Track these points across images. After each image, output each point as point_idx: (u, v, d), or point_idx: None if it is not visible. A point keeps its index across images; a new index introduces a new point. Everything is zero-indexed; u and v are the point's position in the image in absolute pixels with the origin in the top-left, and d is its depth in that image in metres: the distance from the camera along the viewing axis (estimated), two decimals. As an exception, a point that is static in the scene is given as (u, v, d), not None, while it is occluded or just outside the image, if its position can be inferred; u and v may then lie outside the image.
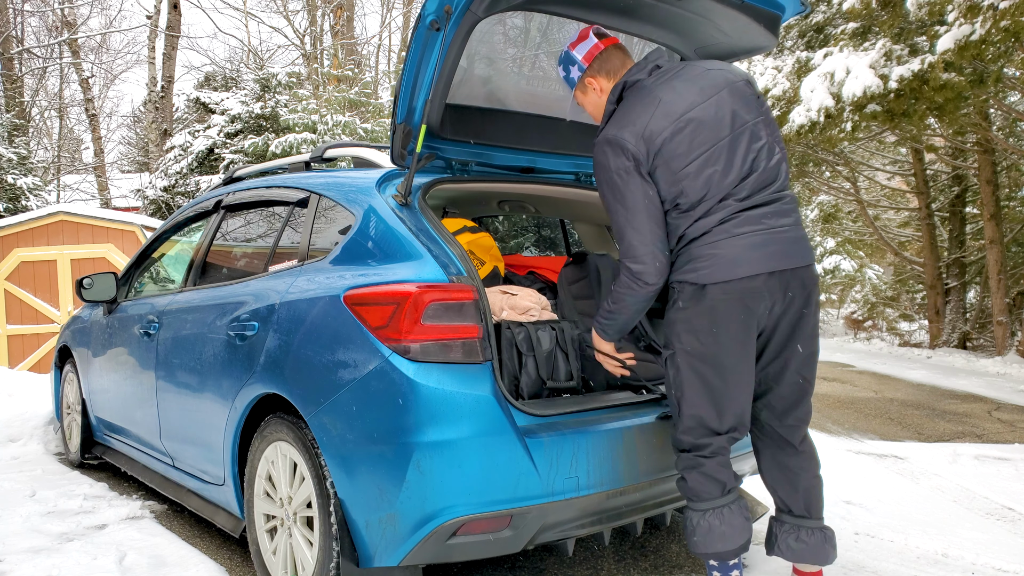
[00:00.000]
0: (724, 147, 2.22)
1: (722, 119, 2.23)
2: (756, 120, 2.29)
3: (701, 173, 2.20)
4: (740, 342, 2.24)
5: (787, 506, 2.45)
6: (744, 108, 2.27)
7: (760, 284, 2.20)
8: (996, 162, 10.38)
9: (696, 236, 2.23)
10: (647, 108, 2.24)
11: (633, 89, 2.33)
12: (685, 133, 2.20)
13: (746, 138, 2.25)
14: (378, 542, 2.18)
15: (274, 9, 32.87)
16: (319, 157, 3.19)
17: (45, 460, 4.83)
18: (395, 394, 2.11)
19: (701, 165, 2.20)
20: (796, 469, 2.43)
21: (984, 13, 6.49)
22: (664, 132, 2.20)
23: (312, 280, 2.52)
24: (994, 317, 10.32)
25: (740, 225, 2.20)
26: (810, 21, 10.09)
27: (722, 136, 2.22)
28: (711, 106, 2.24)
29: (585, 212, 3.56)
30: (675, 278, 2.29)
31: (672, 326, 2.31)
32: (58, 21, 20.84)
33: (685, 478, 2.33)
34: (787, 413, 2.41)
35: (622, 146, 2.22)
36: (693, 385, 2.27)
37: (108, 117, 30.08)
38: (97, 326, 4.30)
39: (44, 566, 2.92)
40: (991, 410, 6.65)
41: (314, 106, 13.39)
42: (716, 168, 2.21)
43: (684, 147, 2.20)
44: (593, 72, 2.40)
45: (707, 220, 2.22)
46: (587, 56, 2.40)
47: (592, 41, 2.40)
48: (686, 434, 2.31)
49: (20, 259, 9.14)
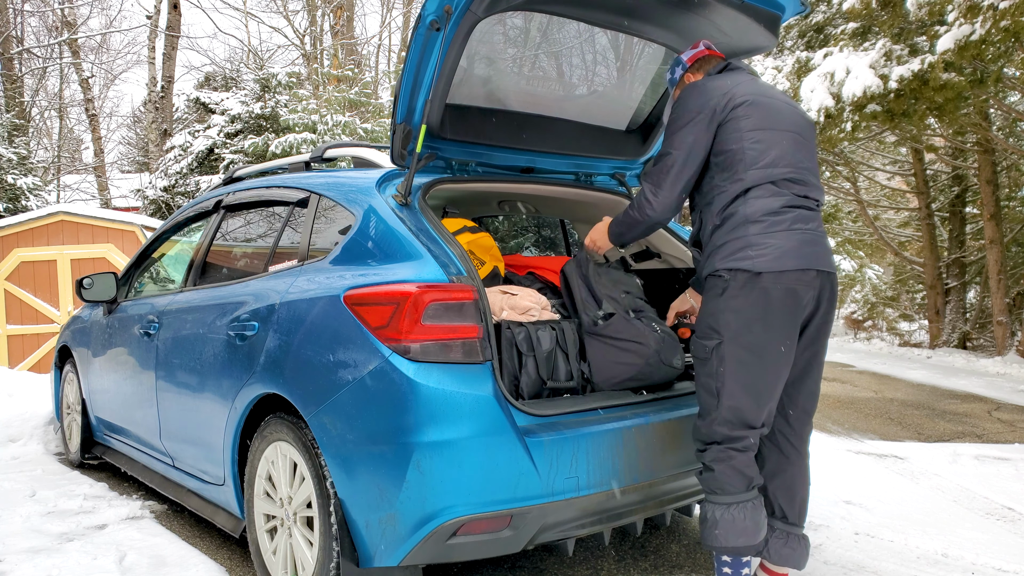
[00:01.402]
0: (789, 136, 2.36)
1: (793, 119, 2.41)
2: (812, 140, 2.48)
3: (765, 143, 2.32)
4: (787, 334, 2.27)
5: (783, 513, 2.48)
6: (807, 127, 2.46)
7: (810, 278, 2.25)
8: (996, 162, 10.38)
9: (755, 219, 2.26)
10: (739, 79, 2.43)
11: (732, 69, 2.52)
12: (762, 106, 2.36)
13: (806, 147, 2.41)
14: (378, 542, 2.18)
15: (274, 9, 32.90)
16: (319, 157, 3.19)
17: (45, 460, 4.83)
18: (395, 394, 2.11)
19: (768, 137, 2.33)
20: (797, 479, 2.48)
21: (984, 13, 6.49)
22: (748, 96, 2.36)
23: (312, 280, 2.52)
24: (994, 317, 10.31)
25: (796, 221, 2.27)
26: (810, 21, 10.10)
27: (789, 129, 2.38)
28: (786, 105, 2.45)
29: (585, 212, 3.56)
30: (725, 265, 2.27)
31: (721, 315, 2.28)
32: (58, 21, 20.85)
33: (714, 469, 2.30)
34: (798, 419, 2.45)
35: (704, 90, 2.38)
36: (737, 376, 2.26)
37: (108, 117, 30.11)
38: (97, 326, 4.30)
39: (44, 566, 2.92)
40: (991, 410, 6.65)
41: (314, 106, 13.39)
42: (780, 148, 2.33)
43: (760, 114, 2.35)
44: (693, 71, 2.60)
45: (767, 202, 2.27)
46: (692, 58, 2.62)
47: (700, 48, 2.62)
48: (722, 425, 2.29)
49: (20, 259, 9.14)
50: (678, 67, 2.64)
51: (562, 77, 3.09)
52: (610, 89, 3.14)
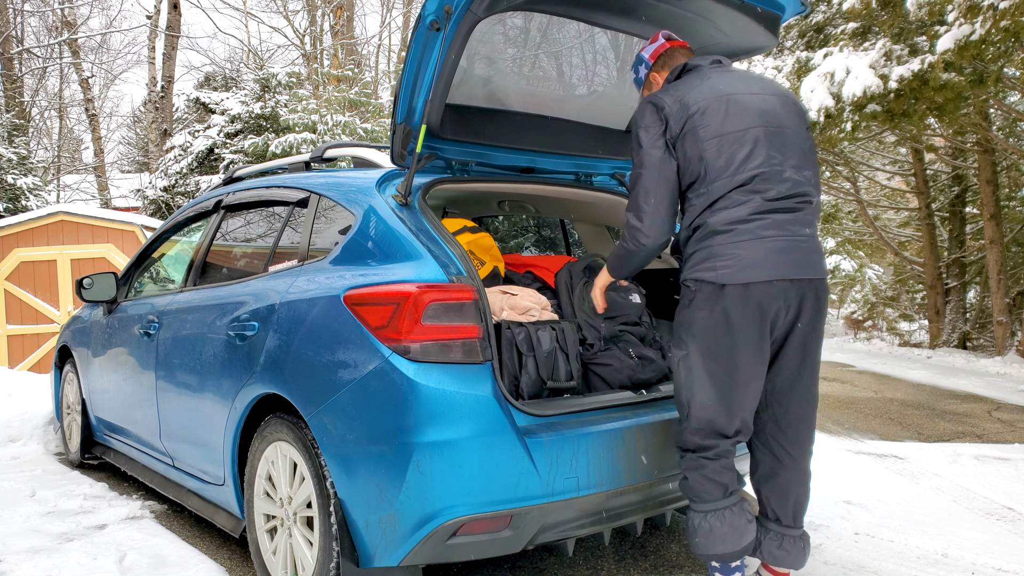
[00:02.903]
0: (758, 135, 2.24)
1: (764, 111, 2.28)
2: (797, 128, 2.33)
3: (727, 149, 2.22)
4: (755, 345, 2.23)
5: (776, 516, 2.46)
6: (787, 115, 2.33)
7: (778, 290, 2.20)
8: (996, 162, 10.38)
9: (720, 230, 2.21)
10: (694, 83, 2.32)
11: (690, 71, 2.40)
12: (721, 108, 2.25)
13: (782, 139, 2.28)
14: (378, 542, 2.18)
15: (274, 9, 32.87)
16: (319, 157, 3.19)
17: (45, 460, 4.83)
18: (395, 394, 2.11)
19: (729, 142, 2.22)
20: (792, 483, 2.44)
21: (984, 13, 6.49)
22: (701, 103, 2.25)
23: (312, 280, 2.52)
24: (994, 317, 10.31)
25: (767, 228, 2.20)
26: (810, 21, 10.09)
27: (757, 124, 2.25)
28: (756, 97, 2.30)
29: (585, 212, 3.56)
30: (691, 275, 2.27)
31: (688, 326, 2.28)
32: (58, 21, 20.84)
33: (687, 478, 2.33)
34: (791, 425, 2.41)
35: (658, 105, 2.30)
36: (705, 387, 2.26)
37: (108, 117, 30.10)
38: (97, 326, 4.30)
39: (44, 566, 2.92)
40: (991, 410, 6.65)
41: (314, 106, 13.38)
42: (744, 150, 2.22)
43: (716, 120, 2.24)
44: (657, 68, 2.51)
45: (733, 212, 2.20)
46: (653, 54, 2.51)
47: (659, 42, 2.51)
48: (693, 435, 2.30)
49: (20, 259, 9.13)
50: (641, 66, 2.55)
51: (562, 77, 3.09)
52: (610, 89, 3.14)
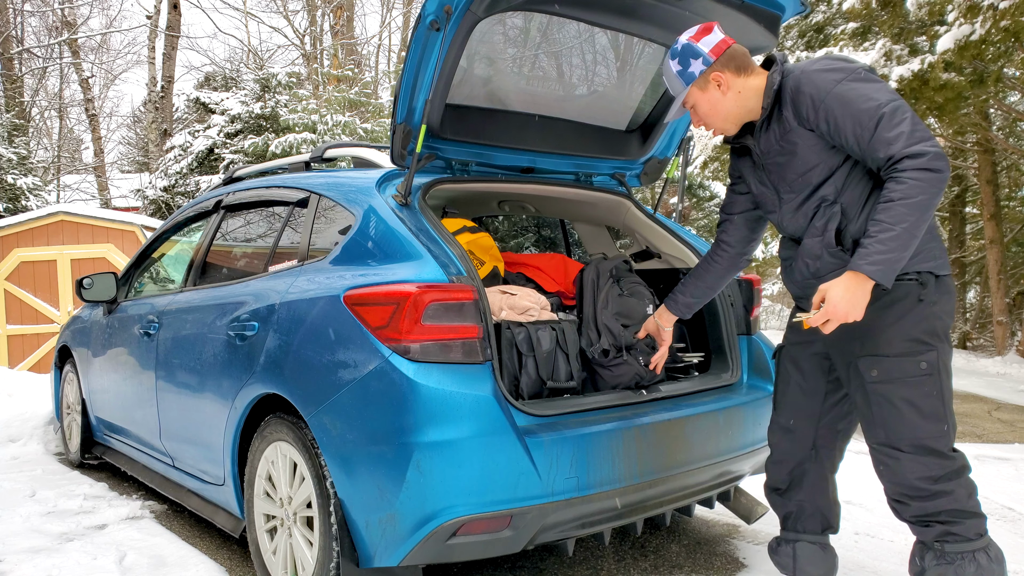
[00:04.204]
0: None
1: None
2: None
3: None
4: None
5: (831, 525, 2.47)
6: None
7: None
8: (996, 162, 10.39)
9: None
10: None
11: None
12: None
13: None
14: (378, 542, 2.18)
15: (274, 9, 32.89)
16: (319, 157, 3.19)
17: (45, 460, 4.83)
18: (395, 394, 2.11)
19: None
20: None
21: (984, 13, 6.49)
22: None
23: (312, 280, 2.52)
24: (994, 317, 10.31)
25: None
26: (810, 21, 10.09)
27: None
28: None
29: (585, 212, 3.56)
30: (914, 266, 2.03)
31: (926, 322, 2.04)
32: (58, 21, 20.84)
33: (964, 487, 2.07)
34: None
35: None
36: (950, 387, 2.08)
37: (108, 117, 30.10)
38: (97, 326, 4.30)
39: (44, 566, 2.92)
40: (991, 410, 6.65)
41: (314, 106, 13.39)
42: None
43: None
44: (720, 66, 2.17)
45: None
46: (715, 49, 2.17)
47: (720, 35, 2.19)
48: (951, 437, 2.08)
49: (20, 259, 9.14)
50: (696, 59, 2.18)
51: (562, 77, 3.09)
52: (610, 89, 3.14)
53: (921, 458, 2.03)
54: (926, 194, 1.88)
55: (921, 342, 2.03)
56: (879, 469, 2.14)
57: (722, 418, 2.65)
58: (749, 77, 2.19)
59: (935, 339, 2.04)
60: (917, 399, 2.03)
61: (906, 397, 2.03)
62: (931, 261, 2.05)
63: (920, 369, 2.03)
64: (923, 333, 2.03)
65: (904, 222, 1.88)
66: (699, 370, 3.02)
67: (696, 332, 3.11)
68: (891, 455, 2.07)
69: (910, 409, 2.03)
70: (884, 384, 2.06)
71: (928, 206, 1.89)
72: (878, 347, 2.06)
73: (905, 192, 1.88)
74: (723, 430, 2.63)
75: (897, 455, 2.06)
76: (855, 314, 1.96)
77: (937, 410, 2.03)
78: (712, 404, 2.68)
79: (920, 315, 2.03)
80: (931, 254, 2.06)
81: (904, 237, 1.89)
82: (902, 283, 2.04)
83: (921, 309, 2.03)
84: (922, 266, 2.04)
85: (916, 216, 1.88)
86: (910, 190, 1.88)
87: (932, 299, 2.04)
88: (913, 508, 2.08)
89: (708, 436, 2.61)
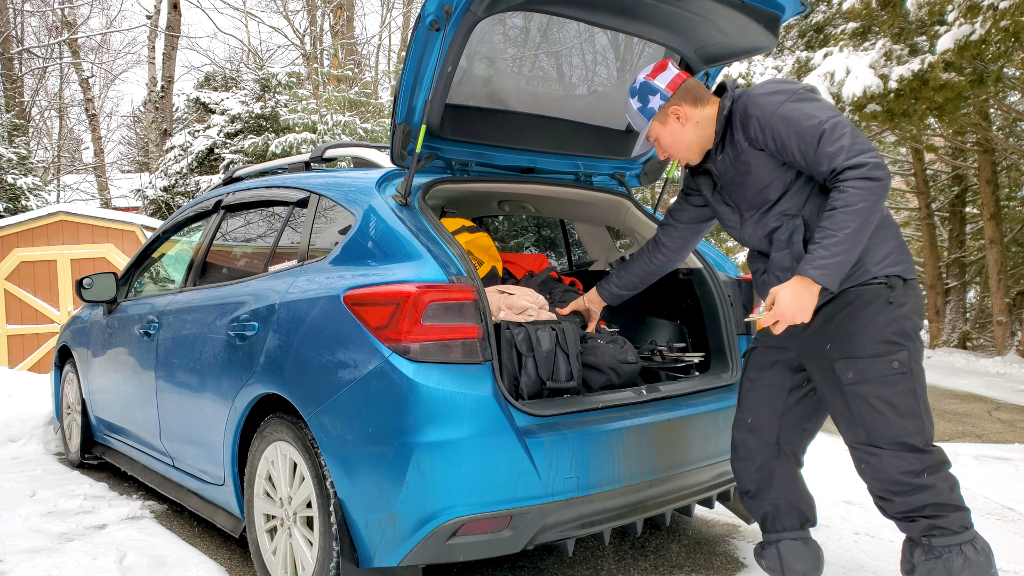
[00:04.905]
0: None
1: None
2: None
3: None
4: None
5: (808, 518, 2.51)
6: None
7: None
8: (996, 162, 10.39)
9: (892, 220, 2.20)
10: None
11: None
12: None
13: None
14: (378, 542, 2.18)
15: (274, 9, 32.89)
16: (319, 157, 3.19)
17: (45, 460, 4.83)
18: (395, 394, 2.11)
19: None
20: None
21: (984, 13, 6.49)
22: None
23: (312, 280, 2.52)
24: (994, 317, 10.32)
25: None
26: (810, 21, 10.10)
27: None
28: None
29: (585, 212, 3.56)
30: (882, 271, 2.12)
31: (897, 323, 2.11)
32: (58, 21, 20.85)
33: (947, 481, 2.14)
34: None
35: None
36: (923, 385, 2.15)
37: (108, 117, 30.11)
38: (97, 326, 4.30)
39: (44, 566, 2.92)
40: (991, 410, 6.65)
41: (314, 106, 13.39)
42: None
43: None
44: (678, 100, 2.29)
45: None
46: (671, 84, 2.30)
47: (674, 71, 2.32)
48: (928, 433, 2.14)
49: (20, 259, 9.14)
50: (654, 95, 2.30)
51: (562, 77, 3.09)
52: (610, 89, 3.14)
53: (901, 454, 2.11)
54: (867, 201, 1.98)
55: (892, 343, 2.11)
56: (860, 468, 2.21)
57: (722, 418, 2.66)
58: (705, 107, 2.30)
59: (906, 339, 2.12)
60: (892, 397, 2.10)
61: (882, 396, 2.11)
62: (898, 265, 2.15)
63: (893, 368, 2.10)
64: (894, 334, 2.11)
65: (846, 228, 1.98)
66: (699, 370, 3.02)
67: (696, 332, 3.11)
68: (872, 452, 2.15)
69: (887, 408, 2.10)
70: (860, 385, 2.13)
71: (870, 212, 1.99)
72: (853, 349, 2.13)
73: (847, 200, 1.99)
74: (723, 430, 2.63)
75: (877, 452, 2.13)
76: (802, 316, 2.06)
77: (912, 407, 2.11)
78: (712, 404, 2.68)
79: (890, 317, 2.11)
80: (898, 259, 2.15)
81: (847, 242, 1.99)
82: (871, 287, 2.13)
83: (891, 311, 2.12)
84: (890, 270, 2.13)
85: (858, 222, 1.98)
86: (851, 198, 1.98)
87: (900, 301, 2.13)
88: (897, 504, 2.15)
89: (708, 436, 2.61)
